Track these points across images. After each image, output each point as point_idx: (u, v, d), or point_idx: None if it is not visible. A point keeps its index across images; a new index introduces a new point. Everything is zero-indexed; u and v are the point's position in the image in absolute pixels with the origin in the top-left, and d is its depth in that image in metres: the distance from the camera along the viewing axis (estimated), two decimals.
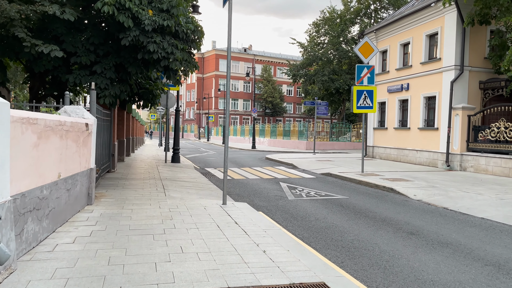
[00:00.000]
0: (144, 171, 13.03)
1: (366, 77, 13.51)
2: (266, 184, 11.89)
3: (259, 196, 9.68)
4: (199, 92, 76.52)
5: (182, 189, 9.52)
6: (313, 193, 10.26)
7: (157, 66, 10.05)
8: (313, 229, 6.52)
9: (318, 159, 20.37)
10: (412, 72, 18.01)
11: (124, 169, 13.32)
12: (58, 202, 5.20)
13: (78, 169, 6.09)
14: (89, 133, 6.72)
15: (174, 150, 16.80)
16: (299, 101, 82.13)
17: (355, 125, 35.01)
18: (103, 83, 9.97)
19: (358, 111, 13.60)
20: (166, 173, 12.68)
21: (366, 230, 6.51)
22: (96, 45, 10.17)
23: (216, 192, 9.79)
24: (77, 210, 6.21)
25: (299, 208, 8.32)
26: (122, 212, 6.46)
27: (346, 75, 33.52)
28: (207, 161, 19.74)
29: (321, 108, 24.70)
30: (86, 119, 6.68)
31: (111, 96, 10.13)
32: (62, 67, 10.32)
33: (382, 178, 12.28)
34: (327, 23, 35.21)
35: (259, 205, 8.54)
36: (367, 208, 8.44)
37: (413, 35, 17.91)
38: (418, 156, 17.33)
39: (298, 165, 17.17)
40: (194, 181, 11.47)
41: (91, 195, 6.91)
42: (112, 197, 7.86)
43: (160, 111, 33.23)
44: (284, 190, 10.67)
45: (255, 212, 7.12)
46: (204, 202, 7.71)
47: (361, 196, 9.96)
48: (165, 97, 16.11)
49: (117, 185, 9.51)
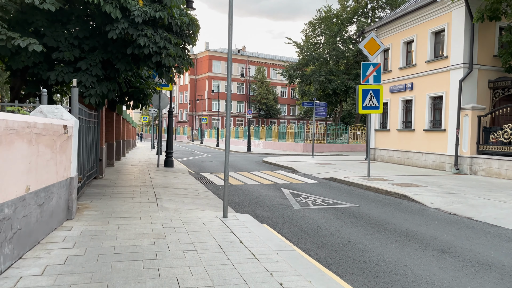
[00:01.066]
0: (134, 177, 12.07)
1: (372, 75, 12.69)
2: (267, 190, 11.00)
3: (262, 205, 8.78)
4: (192, 94, 75.48)
5: (177, 198, 8.58)
6: (320, 201, 9.38)
7: (149, 62, 9.13)
8: (329, 247, 5.63)
9: (318, 162, 19.52)
10: (416, 71, 17.25)
11: (113, 174, 12.34)
12: (26, 222, 4.26)
13: (54, 179, 5.15)
14: (69, 136, 5.78)
15: (167, 154, 15.84)
16: (293, 102, 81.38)
17: (352, 127, 34.28)
18: (88, 81, 9.03)
19: (364, 111, 12.76)
20: (159, 179, 11.73)
21: (390, 248, 5.64)
22: (81, 39, 9.23)
23: (214, 201, 8.87)
24: (53, 227, 5.27)
25: (308, 219, 7.43)
26: (107, 229, 5.52)
27: (343, 76, 32.76)
28: (201, 165, 18.80)
29: (320, 109, 23.88)
30: (65, 121, 5.74)
31: (98, 95, 9.18)
32: (44, 63, 9.35)
33: (391, 184, 11.45)
34: (323, 22, 34.44)
35: (263, 216, 7.65)
36: (383, 218, 7.58)
37: (417, 32, 17.15)
38: (424, 159, 16.55)
39: (298, 169, 16.30)
40: (189, 188, 10.54)
41: (72, 208, 5.96)
42: (97, 209, 6.91)
43: (152, 113, 32.23)
44: (288, 198, 9.78)
45: (260, 227, 6.21)
46: (202, 215, 6.79)
47: (373, 204, 9.11)
48: (157, 98, 15.16)
49: (104, 194, 8.55)
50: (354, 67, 33.87)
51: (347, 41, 33.79)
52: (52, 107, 5.95)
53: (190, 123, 74.50)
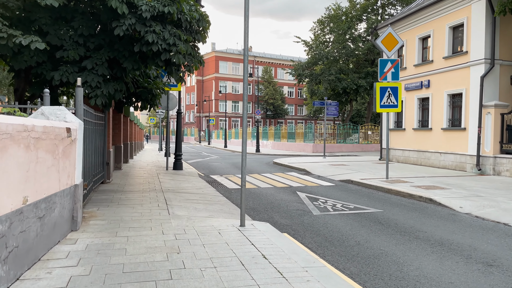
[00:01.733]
0: (143, 180, 11.59)
1: (390, 72, 12.10)
2: (282, 194, 10.46)
3: (279, 211, 8.25)
4: (199, 95, 75.16)
5: (188, 204, 8.08)
6: (340, 206, 8.82)
7: (157, 60, 8.63)
8: (359, 260, 5.08)
9: (331, 163, 18.93)
10: (433, 67, 16.60)
11: (121, 178, 11.88)
12: (24, 238, 3.77)
13: (56, 187, 4.66)
14: (72, 140, 5.29)
15: (176, 156, 15.36)
16: (301, 102, 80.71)
17: (363, 126, 33.61)
18: (94, 80, 8.56)
19: (381, 110, 12.17)
20: (168, 183, 11.24)
21: (427, 260, 5.07)
22: (86, 37, 8.77)
23: (228, 207, 8.35)
24: (56, 241, 4.78)
25: (331, 227, 6.88)
26: (114, 241, 5.01)
27: (354, 74, 32.10)
28: (211, 167, 18.30)
29: (331, 108, 23.27)
30: (68, 123, 5.25)
31: (104, 96, 8.71)
32: (47, 63, 8.90)
33: (413, 186, 10.85)
34: (332, 20, 33.82)
35: (281, 223, 7.11)
36: (412, 225, 7.00)
37: (434, 27, 16.51)
38: (442, 159, 15.90)
39: (311, 170, 15.74)
40: (200, 192, 10.03)
41: (77, 218, 5.47)
42: (104, 217, 6.42)
43: (160, 114, 31.78)
44: (305, 202, 9.23)
45: (282, 237, 5.67)
46: (217, 223, 6.27)
47: (397, 209, 8.53)
48: (165, 98, 14.69)
49: (112, 201, 8.07)
50: (365, 66, 33.22)
51: (357, 39, 33.13)
52: (55, 108, 5.48)
53: (197, 124, 74.18)
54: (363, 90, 32.06)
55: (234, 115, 73.71)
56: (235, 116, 73.94)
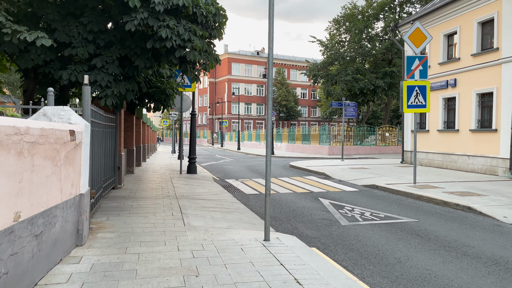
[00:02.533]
0: (156, 185, 11.02)
1: (417, 70, 11.32)
2: (304, 200, 9.76)
3: (303, 220, 7.56)
4: (211, 97, 74.84)
5: (205, 213, 7.44)
6: (369, 215, 8.10)
7: (171, 57, 8.04)
8: (405, 283, 4.37)
9: (350, 166, 18.15)
10: (460, 65, 15.73)
11: (133, 183, 11.32)
12: (16, 261, 3.17)
13: (57, 199, 4.07)
14: (77, 144, 4.69)
15: (190, 160, 14.78)
16: (314, 104, 79.77)
17: (380, 128, 32.69)
18: (104, 80, 8.01)
19: (408, 110, 11.40)
20: (183, 188, 10.64)
21: (486, 284, 4.33)
22: (96, 33, 8.23)
23: (247, 216, 7.69)
24: (57, 260, 4.18)
25: (364, 239, 6.17)
26: (124, 260, 4.40)
27: (371, 74, 31.19)
28: (225, 171, 17.69)
29: (350, 109, 22.45)
30: (72, 125, 4.66)
31: (115, 96, 8.16)
32: (55, 62, 8.40)
33: (445, 192, 10.05)
34: (348, 19, 32.99)
35: (308, 235, 6.43)
36: (455, 238, 6.25)
37: (461, 23, 15.65)
38: (471, 163, 15.01)
39: (331, 174, 15.00)
40: (216, 198, 9.40)
41: (82, 231, 4.87)
42: (113, 229, 5.82)
43: (173, 116, 31.41)
44: (330, 210, 8.53)
45: (313, 255, 4.99)
46: (238, 236, 5.62)
47: (433, 218, 7.77)
48: (179, 99, 14.13)
49: (123, 209, 7.48)
50: (382, 66, 32.30)
51: (374, 38, 32.23)
52: (58, 108, 4.90)
53: (210, 126, 73.83)
54: (380, 91, 31.14)
55: (247, 117, 73.17)
56: (247, 118, 73.40)
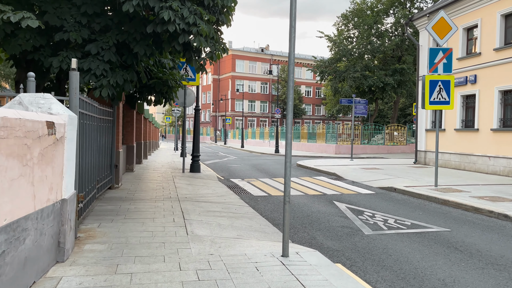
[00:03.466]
0: (157, 185, 10.19)
1: (441, 63, 10.44)
2: (318, 204, 8.91)
3: (320, 228, 6.71)
4: (215, 94, 74.03)
5: (210, 219, 6.60)
6: (393, 222, 7.24)
7: (174, 43, 7.18)
8: None
9: (361, 166, 17.27)
10: (481, 61, 14.81)
11: (132, 182, 10.49)
12: None
13: (28, 207, 3.23)
14: (58, 139, 3.85)
15: (194, 158, 13.93)
16: (319, 102, 78.76)
17: (388, 127, 31.78)
18: (99, 68, 7.17)
19: (431, 107, 10.53)
20: (185, 189, 9.81)
21: None
22: (90, 16, 7.39)
23: (258, 222, 6.84)
24: (29, 283, 3.34)
25: (395, 253, 5.32)
26: (113, 283, 3.55)
27: (380, 71, 30.23)
28: (230, 169, 16.84)
29: (360, 107, 21.54)
30: (52, 115, 3.83)
31: (111, 86, 7.32)
32: (46, 48, 7.58)
33: (472, 197, 9.18)
34: (357, 15, 32.03)
35: (329, 247, 5.59)
36: (501, 253, 5.38)
37: (482, 16, 14.72)
38: (492, 164, 14.11)
39: (343, 175, 14.13)
40: (222, 201, 8.56)
41: (64, 245, 4.04)
42: (104, 238, 4.99)
43: (176, 113, 30.56)
44: (349, 216, 7.67)
45: (344, 277, 4.12)
46: (251, 250, 4.77)
47: (466, 227, 6.90)
48: (182, 93, 13.28)
49: (118, 213, 6.65)
50: (392, 62, 31.33)
51: (384, 33, 31.25)
52: (37, 96, 4.07)
53: (213, 123, 73.04)
54: (390, 88, 30.19)
55: (250, 115, 72.33)
56: (251, 115, 72.56)
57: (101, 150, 7.79)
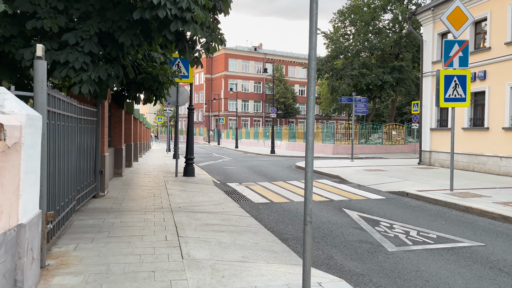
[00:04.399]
0: (147, 192, 9.23)
1: (457, 56, 9.62)
2: (326, 212, 8.03)
3: (335, 243, 5.82)
4: (207, 94, 72.91)
5: (209, 234, 5.68)
6: (415, 234, 6.38)
7: (165, 32, 6.25)
8: None
9: (364, 168, 16.44)
10: (490, 56, 14.04)
11: (119, 189, 9.53)
12: None
13: None
14: (10, 146, 2.91)
15: (187, 160, 12.98)
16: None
17: (386, 126, 31.06)
18: (78, 61, 6.23)
19: (446, 104, 9.71)
20: (179, 196, 8.87)
21: None
22: (68, 1, 6.44)
23: (264, 238, 5.92)
24: None
25: (431, 278, 4.45)
26: None
27: (378, 69, 29.46)
28: (226, 172, 15.91)
29: (360, 105, 20.68)
30: (3, 115, 2.89)
31: (92, 82, 6.37)
32: (18, 38, 6.62)
33: (495, 203, 8.35)
34: (354, 11, 31.24)
35: (351, 270, 4.70)
36: None
37: (492, 8, 13.95)
38: (504, 165, 13.34)
39: (347, 177, 13.27)
40: (221, 210, 7.63)
41: (23, 283, 3.10)
42: (80, 267, 4.05)
43: (168, 113, 29.52)
44: (364, 227, 6.79)
45: None
46: (262, 281, 3.86)
47: (502, 241, 6.05)
48: (174, 91, 12.33)
49: (101, 229, 5.69)
50: (390, 60, 30.58)
51: (382, 30, 30.47)
52: None
53: (206, 123, 71.97)
54: (388, 86, 29.42)
55: (244, 115, 71.39)
56: (244, 115, 71.63)
57: (82, 154, 6.84)
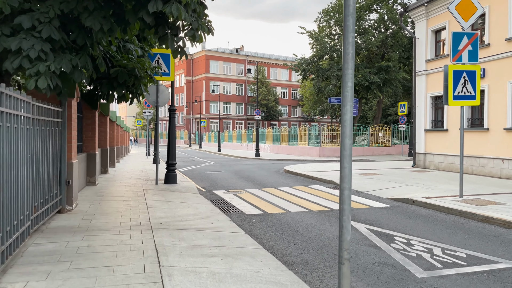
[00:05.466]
0: (123, 205, 8.05)
1: (466, 50, 8.81)
2: (330, 225, 7.03)
3: (353, 269, 4.81)
4: (188, 96, 71.41)
5: (198, 260, 4.58)
6: (439, 252, 5.43)
7: (142, 13, 5.14)
8: None
9: (357, 172, 15.54)
10: (490, 53, 13.37)
11: (91, 201, 8.31)
12: None
13: None
14: None
15: (169, 166, 11.81)
16: (295, 104, 77.36)
17: (373, 127, 30.45)
18: (35, 48, 5.09)
19: (455, 103, 8.86)
20: (160, 209, 7.72)
21: None
22: None
23: (265, 262, 4.84)
24: None
25: None
26: None
27: (365, 70, 28.80)
28: (210, 178, 14.79)
29: None
30: None
31: (52, 74, 5.22)
32: None
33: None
34: (338, 10, 30.56)
35: None
36: None
37: (490, 2, 13.29)
38: (506, 168, 12.65)
39: None
40: (209, 226, 6.53)
41: None
42: None
43: (147, 115, 28.07)
44: (379, 244, 5.81)
45: None
46: None
47: None
48: (154, 90, 11.17)
49: (61, 257, 4.53)
50: (377, 60, 29.98)
51: (367, 30, 29.85)
52: None
53: (187, 126, 70.44)
54: (375, 87, 28.79)
55: (226, 117, 70.21)
56: (226, 118, 70.45)
57: (42, 162, 5.65)
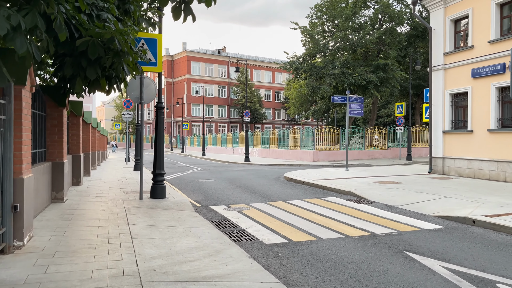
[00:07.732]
0: (98, 235, 5.85)
1: None
2: (386, 262, 5.02)
3: None
4: (169, 99, 68.74)
5: None
6: None
7: None
8: None
9: (371, 179, 13.66)
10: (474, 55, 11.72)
11: (53, 230, 6.07)
12: None
13: None
14: None
15: (156, 177, 9.60)
16: (278, 106, 75.64)
17: (369, 130, 28.83)
18: None
19: None
20: (149, 241, 5.56)
21: None
22: None
23: None
24: None
25: None
26: None
27: (361, 68, 27.12)
28: (203, 188, 12.64)
29: (355, 105, 17.87)
30: None
31: None
32: None
33: None
34: (332, 6, 28.85)
35: None
36: None
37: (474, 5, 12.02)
38: None
39: (363, 194, 10.40)
40: (226, 272, 4.43)
41: None
42: None
43: (127, 117, 25.31)
44: None
45: None
46: None
47: None
48: (137, 84, 9.00)
49: None
50: (372, 58, 28.37)
51: (364, 26, 28.20)
52: None
53: (168, 130, 67.69)
54: (372, 87, 27.14)
55: (208, 120, 67.88)
56: (209, 121, 68.13)
57: None
